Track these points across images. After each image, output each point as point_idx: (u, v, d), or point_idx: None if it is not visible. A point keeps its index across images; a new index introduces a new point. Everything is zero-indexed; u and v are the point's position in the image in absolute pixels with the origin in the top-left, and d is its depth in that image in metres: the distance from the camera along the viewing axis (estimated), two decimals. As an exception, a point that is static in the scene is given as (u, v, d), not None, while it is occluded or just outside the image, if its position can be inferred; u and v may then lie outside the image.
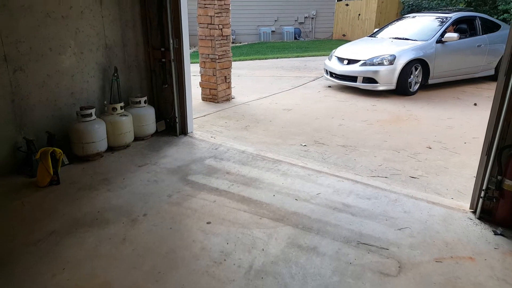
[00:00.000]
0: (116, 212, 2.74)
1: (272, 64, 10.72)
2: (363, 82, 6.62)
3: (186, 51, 4.19)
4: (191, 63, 4.58)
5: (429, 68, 6.62)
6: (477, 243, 2.38)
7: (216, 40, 5.76)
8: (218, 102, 6.07)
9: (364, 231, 2.49)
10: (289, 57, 12.07)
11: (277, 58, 11.95)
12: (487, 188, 2.53)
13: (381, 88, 6.49)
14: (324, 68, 7.60)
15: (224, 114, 5.48)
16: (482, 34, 7.19)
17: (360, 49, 7.18)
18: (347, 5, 16.95)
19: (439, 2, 14.60)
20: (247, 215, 2.68)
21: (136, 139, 4.12)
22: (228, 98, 6.29)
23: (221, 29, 5.80)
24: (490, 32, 7.31)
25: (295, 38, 17.59)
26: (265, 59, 11.96)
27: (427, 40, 6.71)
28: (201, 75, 6.10)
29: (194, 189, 3.08)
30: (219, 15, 5.70)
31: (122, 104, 3.89)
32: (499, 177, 2.46)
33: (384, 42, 7.21)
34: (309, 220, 2.61)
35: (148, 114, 4.15)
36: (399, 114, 5.43)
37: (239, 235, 2.44)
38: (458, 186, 3.18)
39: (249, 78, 8.66)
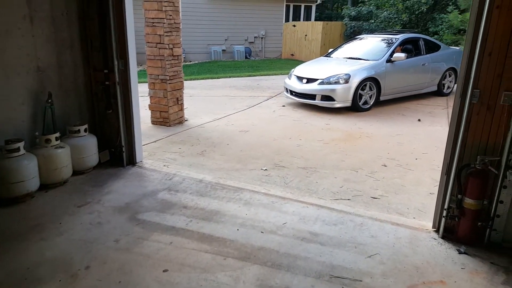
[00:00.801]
0: (51, 266, 2.33)
1: (225, 83, 10.63)
2: (321, 100, 6.88)
3: (133, 72, 3.91)
4: (139, 82, 4.29)
5: (380, 86, 7.01)
6: (445, 264, 2.37)
7: (167, 60, 5.53)
8: (170, 126, 5.79)
9: (335, 262, 2.38)
10: (242, 76, 12.08)
11: (230, 77, 11.91)
12: (449, 207, 2.56)
13: (338, 105, 6.76)
14: (284, 86, 7.80)
15: (177, 138, 5.22)
16: (426, 54, 7.83)
17: (318, 68, 7.50)
18: (294, 26, 17.54)
19: (378, 24, 15.62)
20: (209, 256, 2.45)
21: (75, 173, 3.69)
22: (180, 121, 6.03)
23: (172, 48, 5.59)
24: (432, 52, 7.99)
25: (246, 57, 17.78)
26: (217, 78, 11.87)
27: (378, 60, 7.18)
28: (151, 97, 5.80)
29: (146, 230, 2.78)
30: (169, 34, 5.50)
31: (57, 134, 3.46)
32: (459, 196, 2.50)
33: (339, 62, 7.60)
34: (277, 256, 2.45)
35: (89, 144, 3.76)
36: (351, 132, 5.54)
37: (201, 283, 2.20)
38: (417, 204, 3.22)
39: (202, 99, 8.47)
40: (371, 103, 6.98)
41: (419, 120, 6.20)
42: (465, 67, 2.40)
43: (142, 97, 5.00)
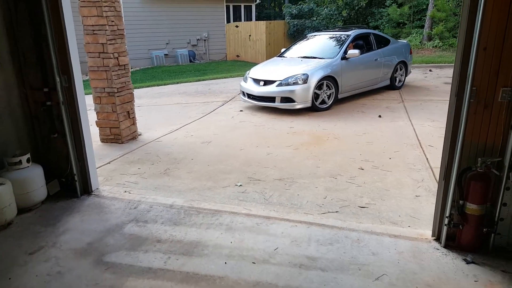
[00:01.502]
0: None
1: (174, 90, 10.07)
2: (281, 102, 6.71)
3: (80, 89, 3.36)
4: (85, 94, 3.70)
5: (338, 84, 6.96)
6: (456, 278, 2.22)
7: (112, 71, 4.95)
8: (122, 143, 5.20)
9: (345, 292, 2.12)
10: (190, 81, 11.55)
11: (177, 83, 11.32)
12: (450, 214, 2.42)
13: (298, 106, 6.61)
14: (241, 90, 7.48)
15: (134, 157, 4.67)
16: (377, 49, 7.92)
17: (274, 69, 7.30)
18: (237, 26, 17.29)
19: (320, 21, 15.92)
20: (202, 303, 2.07)
21: (21, 211, 3.08)
22: (134, 136, 5.46)
23: (117, 57, 5.02)
24: (383, 46, 8.09)
25: (190, 61, 17.19)
26: (164, 84, 11.22)
27: (333, 58, 7.10)
28: (98, 113, 5.17)
29: (118, 275, 2.32)
30: (113, 42, 4.92)
31: (-7, 169, 2.85)
32: (460, 202, 2.37)
33: (295, 62, 7.42)
34: (280, 292, 2.14)
35: (34, 176, 3.15)
36: (318, 134, 5.39)
37: None
38: (407, 209, 3.08)
39: (152, 109, 7.87)
40: (330, 102, 6.90)
41: (379, 116, 6.24)
42: (460, 64, 2.27)
43: (88, 110, 4.41)
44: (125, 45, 5.21)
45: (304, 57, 7.56)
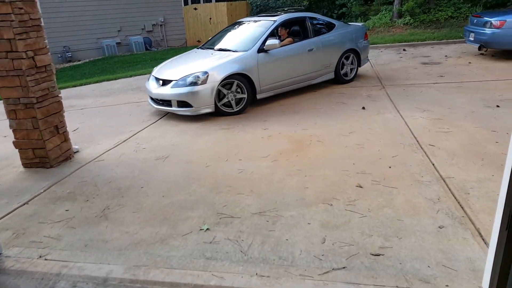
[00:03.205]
0: None
1: (126, 85, 8.79)
2: (178, 106, 5.53)
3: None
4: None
5: (254, 82, 5.74)
6: None
7: (28, 76, 3.77)
8: (51, 167, 4.07)
9: None
10: (146, 73, 10.22)
11: (131, 76, 9.98)
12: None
13: (197, 112, 5.47)
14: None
15: (63, 189, 3.59)
16: (314, 37, 6.52)
17: (179, 65, 6.04)
18: (195, 9, 15.89)
19: (285, 1, 14.89)
20: None
21: None
22: (68, 156, 4.33)
23: (33, 57, 3.83)
24: (324, 33, 6.71)
25: (146, 49, 15.69)
26: (115, 79, 9.85)
27: (247, 51, 5.82)
28: (14, 131, 3.99)
29: None
30: (24, 36, 3.72)
31: None
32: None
33: (205, 56, 6.16)
34: None
35: None
36: (298, 137, 4.51)
37: None
38: (435, 254, 2.27)
39: (98, 111, 6.65)
40: (240, 106, 5.67)
41: (363, 108, 5.45)
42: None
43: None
44: (44, 39, 4.01)
45: (220, 50, 6.28)
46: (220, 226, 2.74)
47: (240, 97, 5.67)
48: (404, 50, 10.28)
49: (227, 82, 5.49)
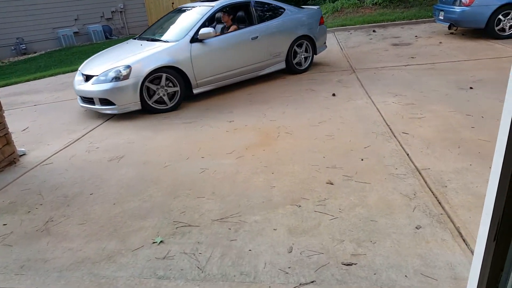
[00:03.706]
0: None
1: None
2: (101, 104, 5.02)
3: None
4: None
5: (187, 76, 5.23)
6: None
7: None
8: (-9, 175, 3.61)
9: None
10: (105, 65, 9.61)
11: (89, 68, 9.33)
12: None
13: (126, 110, 4.99)
14: None
15: (4, 200, 3.17)
16: (259, 23, 5.94)
17: (105, 59, 5.47)
18: (157, -7, 15.10)
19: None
20: None
21: None
22: (11, 161, 3.87)
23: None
24: (271, 19, 6.10)
25: (107, 38, 14.86)
26: (72, 71, 9.15)
27: (178, 41, 5.27)
28: None
29: None
30: None
31: None
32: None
33: (133, 47, 5.58)
34: None
35: None
36: (265, 128, 4.22)
37: None
38: (413, 260, 2.05)
39: (51, 108, 6.11)
40: (174, 103, 5.19)
41: (333, 94, 5.20)
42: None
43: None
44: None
45: (152, 40, 5.72)
46: (176, 237, 2.43)
47: (172, 91, 5.17)
48: (374, 31, 10.10)
49: (156, 76, 4.97)
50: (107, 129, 4.81)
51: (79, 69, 5.61)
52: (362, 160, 3.23)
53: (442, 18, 8.07)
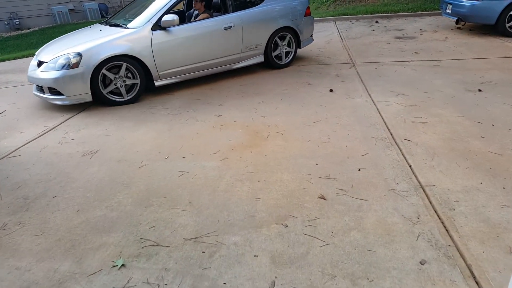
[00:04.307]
0: None
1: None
2: (50, 93, 4.59)
3: None
4: None
5: (148, 67, 4.76)
6: None
7: None
8: None
9: None
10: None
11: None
12: None
13: (76, 101, 4.54)
14: None
15: (-47, 200, 2.80)
16: (234, 11, 5.37)
17: (64, 43, 4.94)
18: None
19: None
20: None
21: None
22: (-30, 153, 3.49)
23: None
24: (251, 7, 5.53)
25: (102, 16, 14.30)
26: (62, 50, 8.72)
27: (138, 28, 4.75)
28: None
29: None
30: None
31: None
32: None
33: (92, 33, 5.08)
34: None
35: None
36: (255, 126, 3.86)
37: None
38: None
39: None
40: (131, 95, 4.76)
41: (331, 90, 4.83)
42: None
43: None
44: None
45: (114, 25, 5.20)
46: (140, 260, 2.09)
47: (131, 82, 4.74)
48: (376, 22, 9.65)
49: (115, 65, 4.55)
50: (87, 117, 4.44)
51: (36, 53, 5.13)
52: (359, 170, 2.89)
53: (450, 11, 7.65)
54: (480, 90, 4.43)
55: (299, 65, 6.15)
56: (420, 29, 8.32)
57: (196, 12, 5.56)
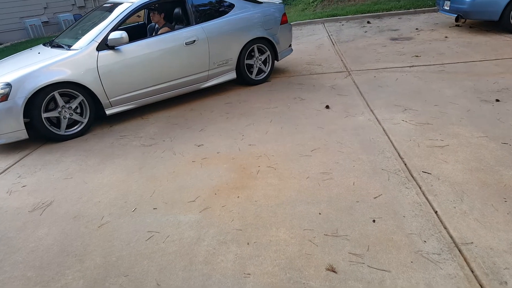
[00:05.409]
0: None
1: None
2: None
3: None
4: None
5: (95, 94, 4.10)
6: None
7: None
8: None
9: None
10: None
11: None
12: None
13: (9, 140, 3.82)
14: None
15: None
16: (198, 23, 4.69)
17: (3, 67, 4.23)
18: (132, -22, 13.72)
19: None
20: None
21: None
22: None
23: None
24: (219, 17, 4.87)
25: (78, 28, 13.49)
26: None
27: (81, 48, 4.07)
28: None
29: None
30: None
31: None
32: None
33: (29, 57, 4.33)
34: None
35: None
36: (241, 159, 3.25)
37: None
38: None
39: None
40: (78, 128, 4.12)
41: (327, 107, 4.25)
42: None
43: None
44: None
45: (56, 46, 4.44)
46: None
47: (76, 119, 4.11)
48: (368, 22, 9.11)
49: (42, 97, 3.81)
50: (47, 153, 3.81)
51: None
52: (373, 221, 2.30)
53: (448, 8, 7.13)
54: (497, 100, 3.88)
55: (289, 75, 5.57)
56: (416, 28, 7.79)
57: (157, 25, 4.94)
